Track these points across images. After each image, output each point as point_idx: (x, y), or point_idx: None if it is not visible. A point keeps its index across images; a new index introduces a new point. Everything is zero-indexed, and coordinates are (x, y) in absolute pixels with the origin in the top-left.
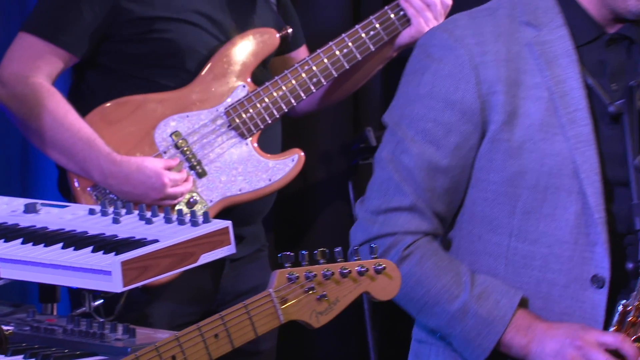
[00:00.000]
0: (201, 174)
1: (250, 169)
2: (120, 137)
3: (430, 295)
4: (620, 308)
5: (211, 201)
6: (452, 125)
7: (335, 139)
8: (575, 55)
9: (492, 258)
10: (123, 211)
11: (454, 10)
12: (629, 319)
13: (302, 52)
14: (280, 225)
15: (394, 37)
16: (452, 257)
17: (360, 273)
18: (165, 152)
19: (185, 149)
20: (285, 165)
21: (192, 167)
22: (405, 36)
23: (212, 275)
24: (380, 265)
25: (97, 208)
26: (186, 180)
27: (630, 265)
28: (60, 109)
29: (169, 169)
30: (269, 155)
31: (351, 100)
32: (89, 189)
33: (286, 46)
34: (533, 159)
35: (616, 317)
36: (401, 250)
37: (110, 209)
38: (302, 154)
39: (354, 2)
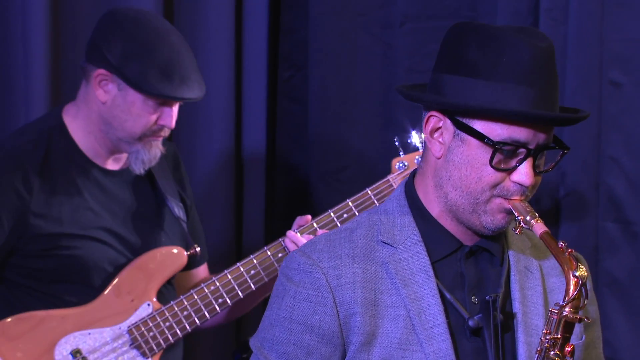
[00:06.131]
0: None
1: None
2: (20, 354)
3: None
4: None
5: None
6: (312, 348)
7: (219, 348)
8: (432, 272)
9: None
10: None
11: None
12: None
13: (203, 269)
14: None
15: None
16: None
17: None
18: None
19: None
20: None
21: None
22: None
23: None
24: None
25: None
26: None
27: None
28: None
29: None
30: None
31: None
32: None
33: (191, 263)
34: None
35: None
36: None
37: None
38: None
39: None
